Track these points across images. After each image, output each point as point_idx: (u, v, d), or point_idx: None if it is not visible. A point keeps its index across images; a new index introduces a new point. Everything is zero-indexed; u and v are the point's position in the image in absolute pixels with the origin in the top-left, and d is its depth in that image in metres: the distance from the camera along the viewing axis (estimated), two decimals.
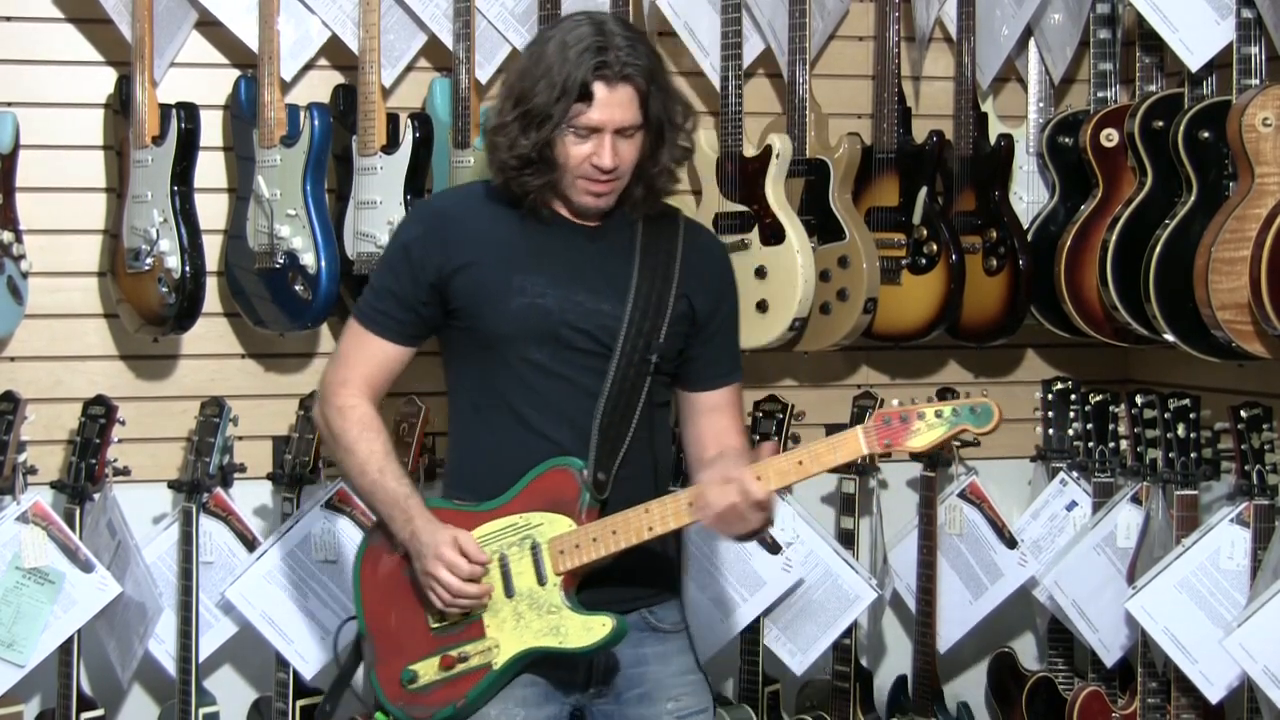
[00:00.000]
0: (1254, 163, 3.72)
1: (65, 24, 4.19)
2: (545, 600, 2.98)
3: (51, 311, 4.18)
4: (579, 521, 2.98)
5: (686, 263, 3.09)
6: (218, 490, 4.09)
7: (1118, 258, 4.07)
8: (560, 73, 2.93)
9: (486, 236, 3.05)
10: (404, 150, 4.05)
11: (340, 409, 3.08)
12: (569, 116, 2.94)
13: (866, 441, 2.90)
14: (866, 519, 4.39)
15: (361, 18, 4.10)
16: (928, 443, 2.90)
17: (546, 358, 3.01)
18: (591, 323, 3.01)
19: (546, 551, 2.98)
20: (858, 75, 4.55)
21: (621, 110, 2.96)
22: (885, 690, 4.51)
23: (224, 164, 4.26)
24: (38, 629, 3.92)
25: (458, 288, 3.03)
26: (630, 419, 3.03)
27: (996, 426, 2.89)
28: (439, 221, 3.09)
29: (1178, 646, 3.89)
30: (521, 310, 3.00)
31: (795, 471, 2.91)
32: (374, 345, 3.09)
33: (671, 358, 3.09)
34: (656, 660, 3.11)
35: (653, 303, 3.04)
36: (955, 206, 4.39)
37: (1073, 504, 4.39)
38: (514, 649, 2.99)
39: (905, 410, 2.91)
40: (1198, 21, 4.00)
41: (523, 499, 3.01)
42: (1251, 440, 3.83)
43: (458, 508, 3.06)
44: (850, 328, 4.28)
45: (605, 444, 3.00)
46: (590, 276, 3.04)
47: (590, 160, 2.96)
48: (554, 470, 3.00)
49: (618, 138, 2.97)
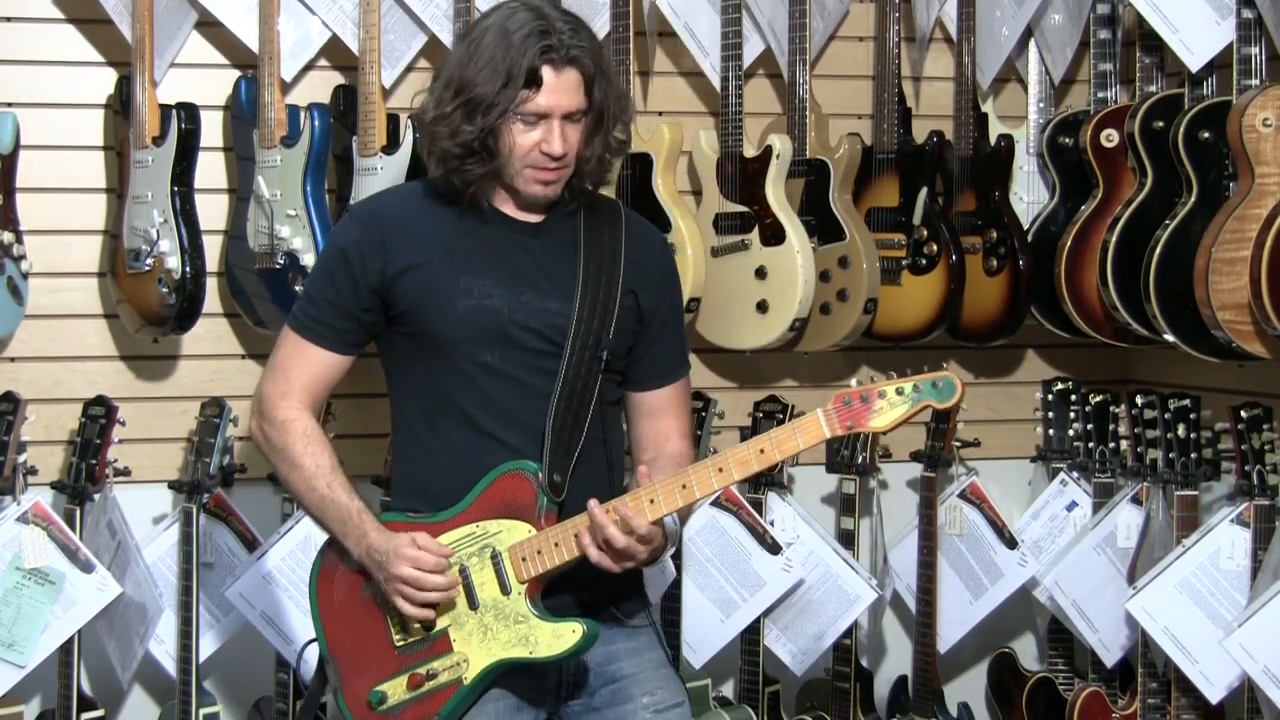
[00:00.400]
0: (1254, 163, 3.72)
1: (65, 24, 4.19)
2: (511, 610, 2.89)
3: (52, 312, 4.19)
4: (538, 526, 2.88)
5: (630, 257, 3.01)
6: (218, 491, 4.09)
7: (1118, 258, 4.07)
8: (504, 59, 2.85)
9: (429, 237, 2.96)
10: (404, 150, 4.05)
11: (282, 423, 2.97)
12: (516, 103, 2.87)
13: (828, 424, 2.80)
14: (867, 519, 4.38)
15: (362, 18, 4.10)
16: (890, 421, 2.81)
17: (496, 359, 2.92)
18: (540, 321, 2.93)
19: (507, 560, 2.89)
20: (858, 75, 4.55)
21: (569, 95, 2.89)
22: (885, 690, 4.52)
23: (224, 164, 4.26)
24: (38, 629, 3.92)
25: (401, 291, 2.93)
26: (584, 418, 2.94)
27: (959, 400, 2.81)
28: (378, 224, 2.98)
29: (1178, 647, 3.89)
30: (469, 312, 2.91)
31: (758, 460, 2.83)
32: (312, 355, 2.99)
33: (621, 354, 3.01)
34: (628, 656, 3.03)
35: (600, 299, 2.95)
36: (955, 207, 4.39)
37: (1073, 504, 4.39)
38: (484, 662, 2.90)
39: (865, 389, 2.81)
40: (1198, 22, 4.00)
41: (478, 507, 2.92)
42: (1252, 440, 3.83)
43: (411, 519, 2.95)
44: (850, 328, 4.28)
45: (559, 445, 2.91)
46: (535, 275, 2.96)
47: (540, 147, 2.89)
48: (508, 475, 2.91)
49: (565, 123, 2.90)
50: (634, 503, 2.84)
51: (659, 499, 2.85)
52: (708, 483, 2.85)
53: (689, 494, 2.85)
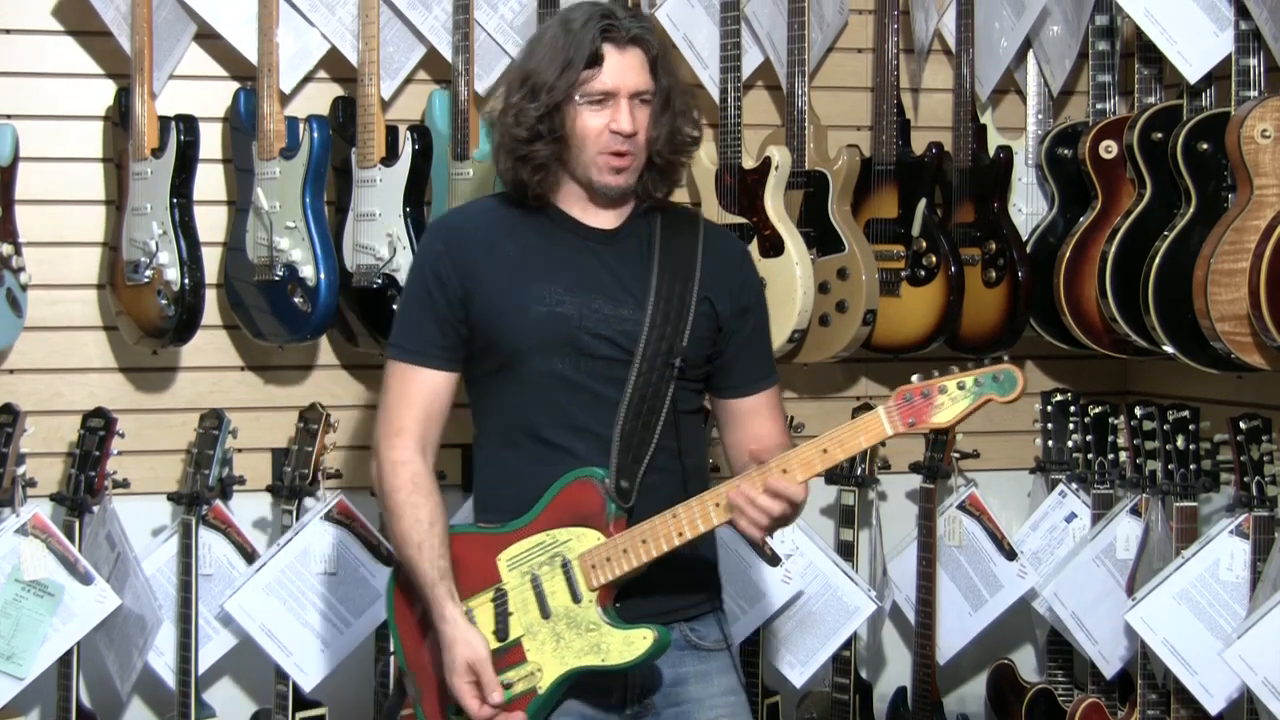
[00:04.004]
0: (1253, 174, 3.72)
1: (65, 36, 4.19)
2: (583, 618, 2.90)
3: (51, 324, 4.18)
4: (607, 533, 2.89)
5: (706, 265, 3.01)
6: (217, 503, 4.09)
7: (1117, 269, 4.07)
8: (566, 45, 2.88)
9: (501, 247, 2.97)
10: (403, 162, 4.05)
11: (394, 464, 2.97)
12: (580, 83, 2.87)
13: (889, 421, 2.81)
14: (866, 531, 4.39)
15: (361, 30, 4.10)
16: (953, 416, 2.80)
17: (568, 368, 2.93)
18: (611, 329, 2.93)
19: (577, 567, 2.90)
20: (857, 87, 4.56)
21: (634, 74, 2.90)
22: (885, 702, 4.51)
23: (223, 176, 4.26)
24: (37, 641, 3.91)
25: (477, 303, 2.95)
26: (654, 426, 2.94)
27: (1021, 393, 2.80)
28: (455, 236, 3.01)
29: (1177, 658, 3.89)
30: (540, 320, 2.92)
31: (821, 460, 2.82)
32: (421, 380, 2.98)
33: (698, 363, 3.00)
34: (696, 680, 3.02)
35: (674, 306, 2.95)
36: (954, 218, 4.39)
37: (1072, 515, 4.39)
38: (557, 671, 2.91)
39: (926, 385, 2.81)
40: (1196, 33, 4.00)
41: (547, 516, 2.93)
42: (1251, 452, 3.83)
43: (482, 531, 2.99)
44: (849, 339, 4.28)
45: (627, 452, 2.91)
46: (608, 282, 2.96)
47: (609, 128, 2.89)
48: (576, 483, 2.92)
49: (633, 103, 2.90)
50: (700, 505, 2.86)
51: (724, 502, 2.85)
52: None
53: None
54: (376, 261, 4.04)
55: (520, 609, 2.94)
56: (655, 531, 2.87)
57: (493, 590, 2.96)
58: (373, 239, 4.06)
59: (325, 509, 4.08)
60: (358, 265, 4.08)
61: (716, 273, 3.03)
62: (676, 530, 2.87)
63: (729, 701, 3.03)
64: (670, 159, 3.00)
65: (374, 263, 4.04)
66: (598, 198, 2.98)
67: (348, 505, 4.08)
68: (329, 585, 4.07)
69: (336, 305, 4.07)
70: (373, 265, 4.04)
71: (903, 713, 4.46)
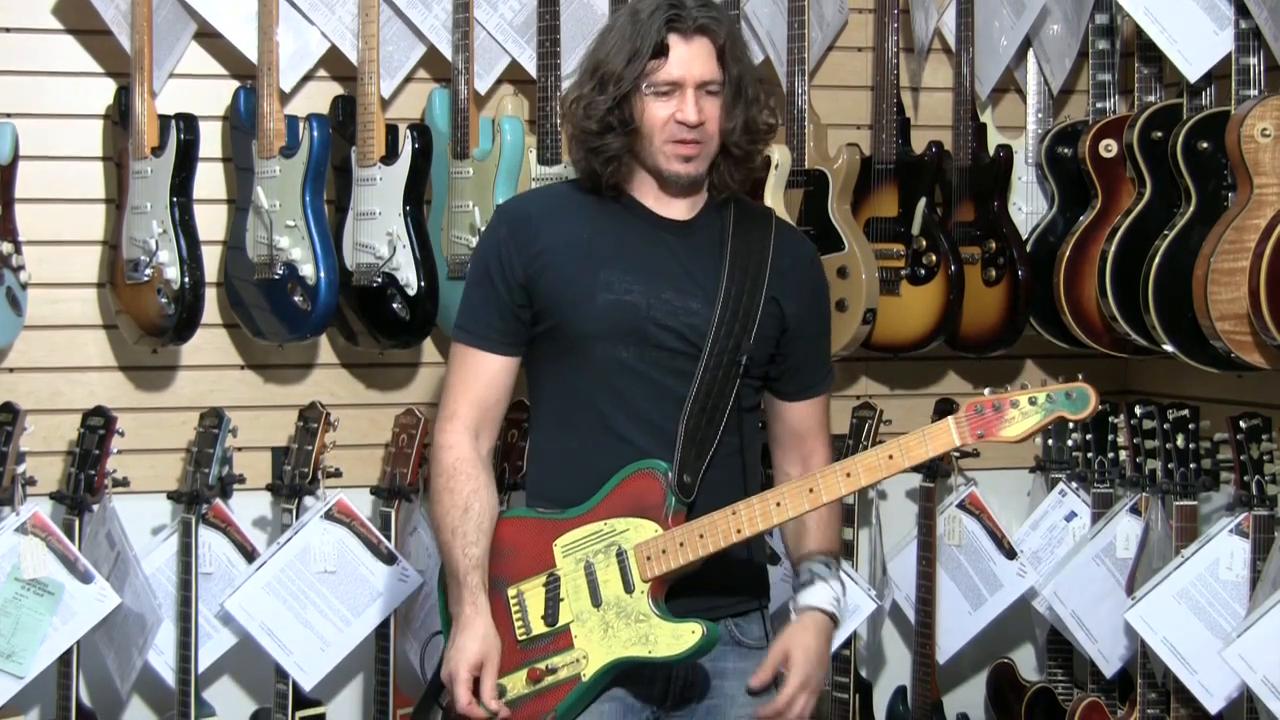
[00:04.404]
0: (1253, 173, 3.72)
1: (65, 35, 4.19)
2: (633, 609, 2.89)
3: (51, 322, 4.18)
4: (665, 526, 2.88)
5: (776, 265, 3.00)
6: (217, 501, 4.09)
7: (1117, 268, 4.07)
8: (633, 35, 2.88)
9: (570, 233, 2.97)
10: (403, 161, 4.05)
11: (439, 449, 2.98)
12: (647, 73, 2.87)
13: (959, 432, 2.79)
14: (866, 530, 4.39)
15: (360, 29, 4.10)
16: (1023, 431, 2.78)
17: (633, 357, 2.93)
18: (679, 321, 2.93)
19: (633, 558, 2.89)
20: (857, 86, 4.56)
21: (700, 63, 2.89)
22: (885, 701, 4.51)
23: (223, 175, 4.26)
24: (37, 640, 3.91)
25: (543, 286, 2.94)
26: (718, 422, 2.93)
27: (1094, 412, 2.78)
28: (521, 220, 2.99)
29: (1177, 657, 3.89)
30: (607, 306, 2.92)
31: (886, 466, 2.81)
32: (480, 363, 2.99)
33: (762, 361, 3.00)
34: (734, 676, 3.02)
35: (743, 304, 2.94)
36: (954, 217, 4.39)
37: (1072, 514, 4.39)
38: (603, 659, 2.90)
39: (998, 398, 2.79)
40: (1196, 32, 4.00)
41: (607, 505, 2.92)
42: (1250, 451, 3.83)
43: (540, 515, 2.98)
44: (849, 338, 4.28)
45: (691, 446, 2.90)
46: (678, 274, 2.95)
47: (675, 118, 2.89)
48: (638, 474, 2.91)
49: (700, 93, 2.90)
50: (760, 504, 2.86)
51: (785, 501, 2.86)
52: (835, 487, 2.86)
53: (815, 498, 2.86)
54: (376, 260, 4.04)
55: (571, 595, 2.93)
56: (714, 527, 2.86)
57: (546, 575, 2.95)
58: (373, 238, 4.06)
59: (325, 508, 4.08)
60: (358, 264, 4.08)
61: (785, 274, 3.02)
62: (735, 527, 2.86)
63: (763, 701, 3.02)
64: (748, 149, 3.01)
65: (374, 261, 4.04)
66: (670, 186, 2.98)
67: (347, 504, 4.08)
68: (329, 584, 4.07)
69: (336, 304, 4.07)
70: (373, 264, 4.04)
71: (902, 712, 4.46)
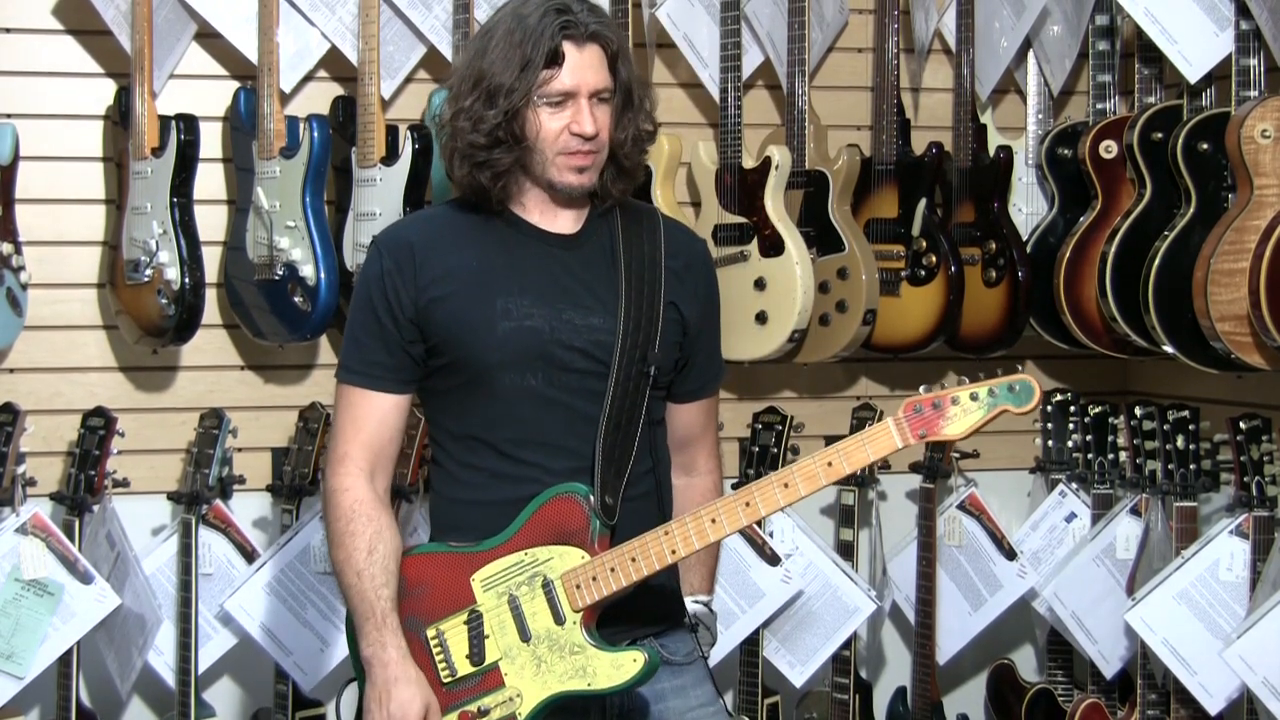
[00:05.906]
0: (1253, 174, 3.73)
1: (65, 35, 4.19)
2: (566, 640, 2.74)
3: (51, 323, 4.19)
4: (591, 552, 2.74)
5: (671, 266, 2.88)
6: (217, 502, 4.09)
7: (1117, 269, 4.07)
8: (522, 42, 2.72)
9: (458, 261, 2.81)
10: (403, 162, 4.05)
11: (333, 492, 2.82)
12: (539, 84, 2.72)
13: (899, 433, 2.66)
14: (866, 530, 4.39)
15: (361, 29, 4.10)
16: (966, 428, 2.66)
17: (541, 383, 2.79)
18: (584, 339, 2.79)
19: (560, 588, 2.74)
20: (857, 87, 4.56)
21: (593, 72, 2.76)
22: (885, 702, 4.51)
23: (223, 175, 4.26)
24: (37, 640, 3.92)
25: (436, 320, 2.79)
26: (632, 438, 2.80)
27: (1038, 405, 2.68)
28: (404, 251, 2.82)
29: (1177, 658, 3.89)
30: (508, 335, 2.77)
31: (826, 474, 2.68)
32: (370, 403, 2.82)
33: (668, 370, 2.89)
34: (674, 695, 2.90)
35: (644, 313, 2.82)
36: (954, 218, 4.39)
37: (1072, 515, 4.39)
38: (539, 696, 2.76)
39: (937, 396, 2.66)
40: (1196, 33, 4.00)
41: (526, 534, 2.77)
42: (1251, 452, 3.83)
43: (453, 550, 2.82)
44: (849, 339, 4.28)
45: (610, 466, 2.77)
46: (576, 290, 2.82)
47: (570, 129, 2.76)
48: (557, 499, 2.76)
49: (593, 102, 2.77)
50: (695, 521, 2.71)
51: (721, 518, 2.71)
52: (773, 499, 2.70)
53: (753, 512, 2.71)
54: None
55: (497, 631, 2.78)
56: (647, 550, 2.73)
57: (466, 612, 2.80)
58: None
59: None
60: (358, 265, 4.08)
61: (681, 275, 2.91)
62: (669, 548, 2.72)
63: (708, 712, 2.93)
64: (636, 159, 2.89)
65: None
66: (558, 197, 2.85)
67: None
68: (329, 585, 4.06)
69: (336, 304, 4.07)
70: None
71: (902, 713, 4.46)
